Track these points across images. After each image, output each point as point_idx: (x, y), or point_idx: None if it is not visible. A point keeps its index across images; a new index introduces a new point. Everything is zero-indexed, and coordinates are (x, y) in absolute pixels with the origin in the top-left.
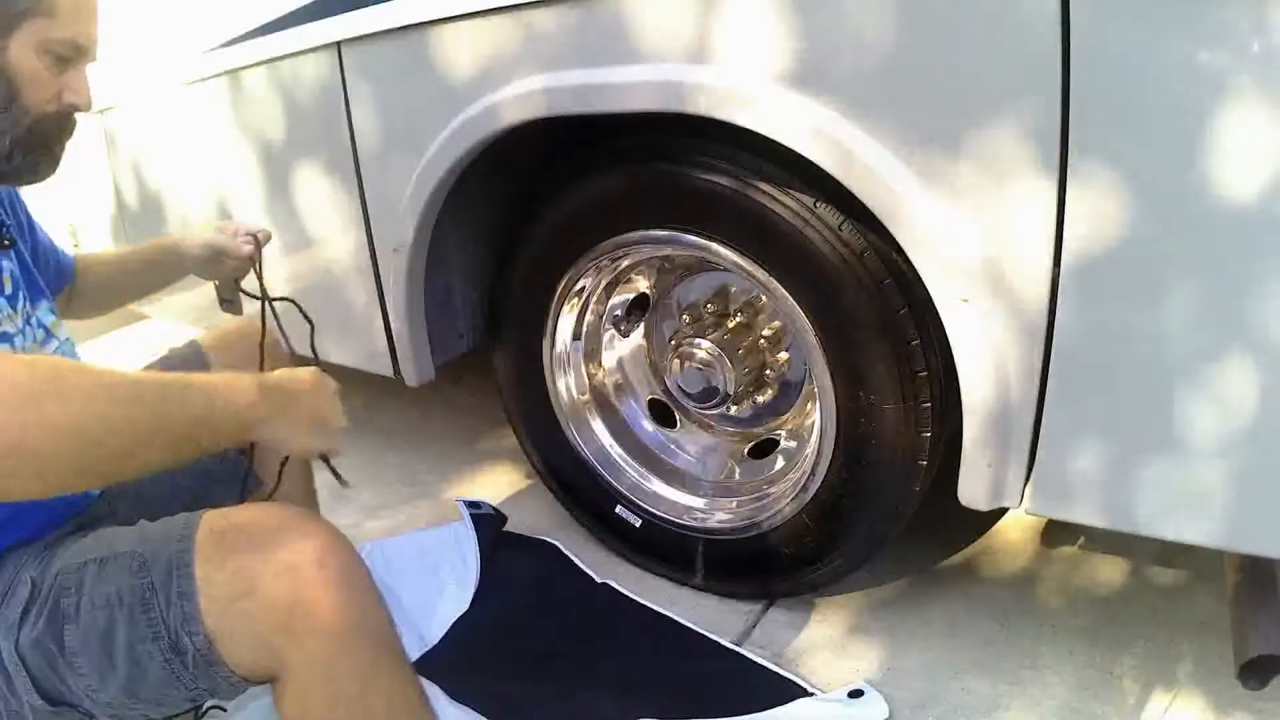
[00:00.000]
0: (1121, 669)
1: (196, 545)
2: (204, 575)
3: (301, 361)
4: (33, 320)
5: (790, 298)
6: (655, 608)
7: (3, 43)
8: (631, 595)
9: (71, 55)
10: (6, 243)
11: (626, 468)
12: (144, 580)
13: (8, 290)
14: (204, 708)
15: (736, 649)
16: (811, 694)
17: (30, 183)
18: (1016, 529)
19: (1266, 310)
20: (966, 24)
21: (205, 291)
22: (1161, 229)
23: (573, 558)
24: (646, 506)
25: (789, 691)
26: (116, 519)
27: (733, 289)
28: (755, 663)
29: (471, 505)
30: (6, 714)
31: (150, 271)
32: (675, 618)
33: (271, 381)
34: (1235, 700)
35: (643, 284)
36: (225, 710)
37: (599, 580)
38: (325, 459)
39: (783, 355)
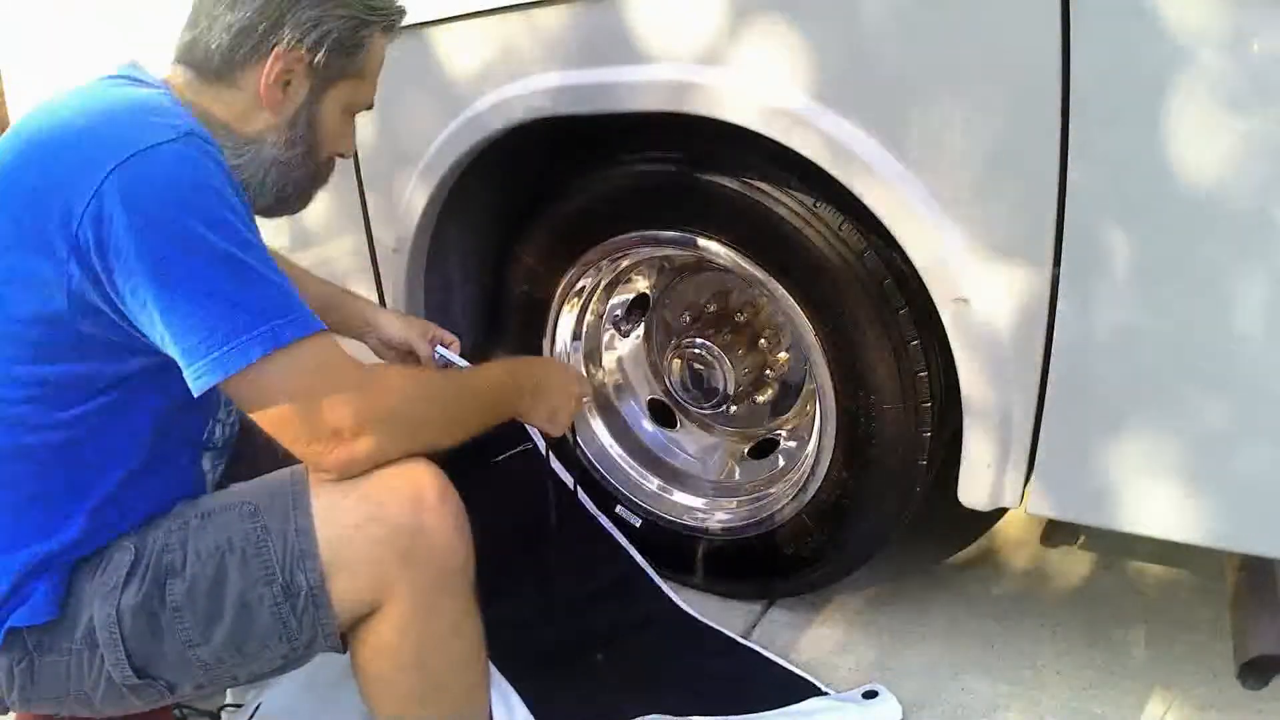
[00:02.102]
0: (1121, 669)
1: (313, 482)
2: (325, 505)
3: None
4: None
5: (790, 298)
6: (670, 593)
7: (321, 97)
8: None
9: (359, 112)
10: None
11: (626, 468)
12: (256, 524)
13: None
14: (220, 706)
15: (749, 644)
16: (825, 693)
17: (282, 215)
18: (1016, 529)
19: (1266, 310)
20: (967, 23)
21: None
22: (1161, 229)
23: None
24: (646, 506)
25: (802, 690)
26: None
27: (733, 289)
28: (768, 659)
29: None
30: (73, 698)
31: (326, 314)
32: (687, 609)
33: (538, 370)
34: (1235, 700)
35: (643, 284)
36: (239, 707)
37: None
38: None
39: (783, 355)
